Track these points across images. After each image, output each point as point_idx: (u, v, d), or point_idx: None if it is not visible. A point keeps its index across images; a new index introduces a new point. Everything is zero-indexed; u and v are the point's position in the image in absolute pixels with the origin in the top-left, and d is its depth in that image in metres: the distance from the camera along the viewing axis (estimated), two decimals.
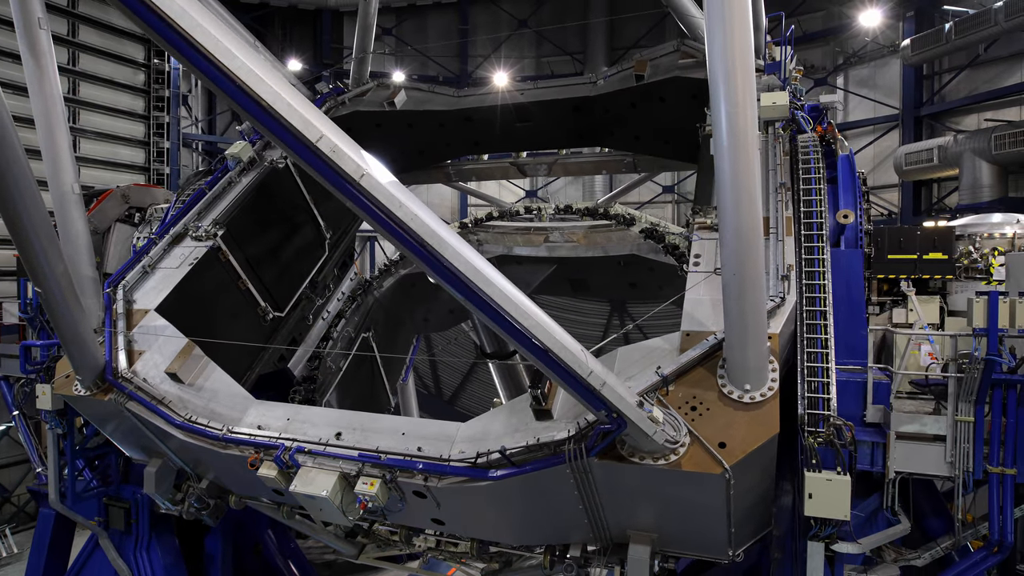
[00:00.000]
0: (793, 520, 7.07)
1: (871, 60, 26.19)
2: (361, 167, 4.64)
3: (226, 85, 4.35)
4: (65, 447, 9.61)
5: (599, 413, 5.74)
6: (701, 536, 6.71)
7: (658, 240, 12.08)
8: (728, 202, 5.90)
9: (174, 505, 9.34)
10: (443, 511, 7.30)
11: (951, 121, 23.50)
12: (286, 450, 7.49)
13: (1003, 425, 6.49)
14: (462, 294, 5.04)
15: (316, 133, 4.52)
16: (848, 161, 8.08)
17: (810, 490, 6.03)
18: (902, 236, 8.28)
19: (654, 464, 5.96)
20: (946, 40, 20.95)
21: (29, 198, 6.34)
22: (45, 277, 7.06)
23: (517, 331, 5.22)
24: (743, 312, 6.06)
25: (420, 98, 12.37)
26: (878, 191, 25.88)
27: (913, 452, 6.75)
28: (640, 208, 31.12)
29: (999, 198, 19.61)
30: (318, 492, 7.24)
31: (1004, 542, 6.52)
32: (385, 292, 13.37)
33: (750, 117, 5.73)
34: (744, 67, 5.65)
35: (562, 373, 5.42)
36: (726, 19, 5.60)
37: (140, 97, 27.16)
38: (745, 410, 6.14)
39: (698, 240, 7.74)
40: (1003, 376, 6.38)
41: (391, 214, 4.73)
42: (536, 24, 32.32)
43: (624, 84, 11.19)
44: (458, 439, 7.17)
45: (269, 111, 4.41)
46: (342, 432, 7.63)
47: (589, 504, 6.64)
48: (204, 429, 8.01)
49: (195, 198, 10.96)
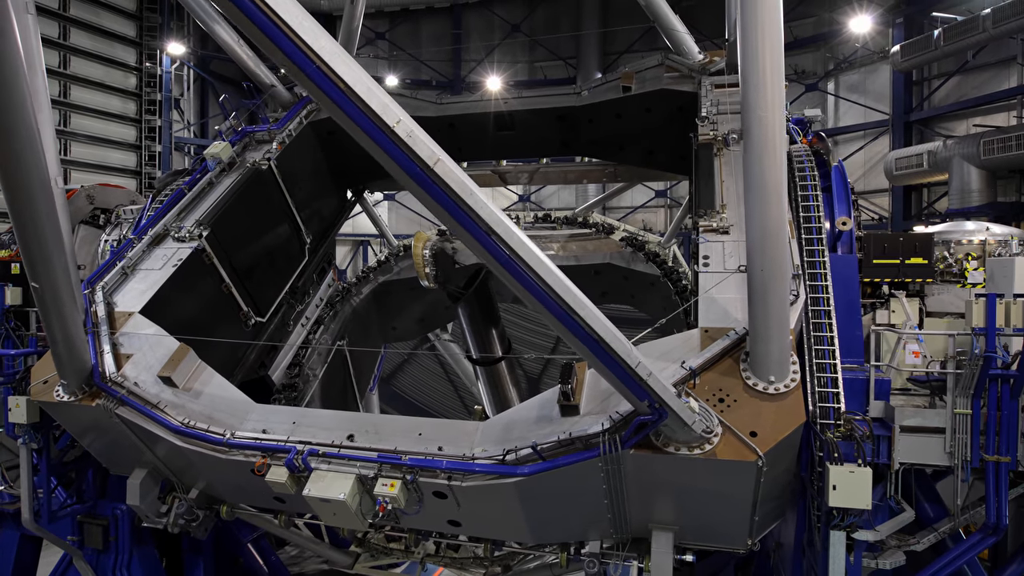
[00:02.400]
0: (803, 511, 7.34)
1: (861, 66, 26.69)
2: (435, 153, 4.65)
3: (307, 65, 4.30)
4: (41, 462, 9.00)
5: (641, 404, 5.85)
6: (723, 526, 6.89)
7: (639, 248, 12.37)
8: (756, 202, 6.16)
9: (159, 518, 8.90)
10: (462, 511, 7.23)
11: (940, 126, 23.90)
12: (298, 453, 7.29)
13: (997, 417, 6.94)
14: (523, 284, 5.09)
15: (394, 117, 4.51)
16: (841, 171, 8.54)
17: (834, 482, 6.28)
18: (886, 242, 8.79)
19: (689, 454, 6.11)
20: (935, 46, 21.30)
21: (39, 184, 6.03)
22: (45, 270, 6.70)
23: (572, 321, 5.30)
24: (768, 307, 6.31)
25: (403, 103, 12.31)
26: (869, 196, 26.19)
27: (915, 444, 7.14)
28: (634, 212, 31.75)
29: (988, 203, 20.01)
30: (334, 495, 7.06)
31: (1000, 525, 6.95)
32: (363, 299, 13.18)
33: (779, 121, 6.01)
34: (774, 74, 5.91)
35: (611, 363, 5.52)
36: (759, 28, 5.85)
37: (132, 101, 26.86)
38: (771, 400, 6.37)
39: (705, 242, 8.00)
40: (999, 372, 6.83)
41: (462, 202, 4.74)
42: (529, 29, 32.60)
43: (608, 95, 11.48)
44: (478, 438, 7.15)
45: (349, 93, 4.38)
46: (354, 434, 7.48)
47: (615, 498, 6.72)
48: (205, 434, 7.70)
49: (175, 198, 10.59)
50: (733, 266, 7.62)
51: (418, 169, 4.63)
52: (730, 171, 8.72)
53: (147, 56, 26.95)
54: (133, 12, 27.29)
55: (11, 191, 5.98)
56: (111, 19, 26.01)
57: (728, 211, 8.21)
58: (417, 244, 10.22)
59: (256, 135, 11.51)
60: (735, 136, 9.22)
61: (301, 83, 4.48)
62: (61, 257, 6.79)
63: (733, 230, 8.01)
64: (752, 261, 6.30)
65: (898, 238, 8.74)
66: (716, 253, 7.88)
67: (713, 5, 15.43)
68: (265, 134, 11.42)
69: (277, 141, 11.34)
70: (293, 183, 11.55)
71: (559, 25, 32.42)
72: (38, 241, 6.41)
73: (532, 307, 5.38)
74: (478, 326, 10.95)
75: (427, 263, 10.23)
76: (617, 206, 32.21)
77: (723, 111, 9.74)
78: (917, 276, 8.72)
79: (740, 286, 7.38)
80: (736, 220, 8.09)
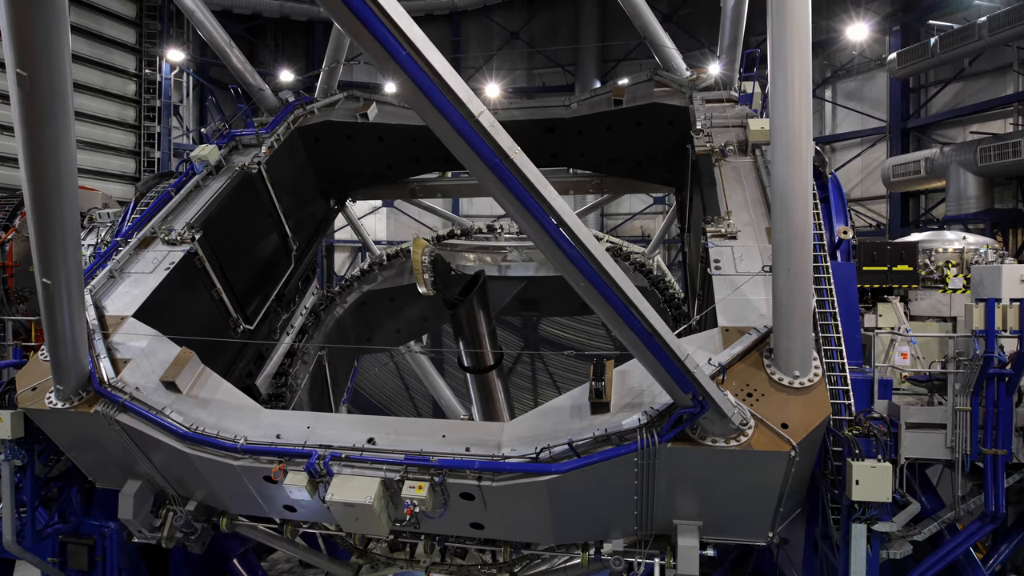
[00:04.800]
0: (813, 506, 7.62)
1: (858, 73, 26.80)
2: (514, 145, 4.70)
3: (399, 51, 4.30)
4: (26, 480, 8.45)
5: (685, 396, 5.99)
6: (748, 519, 7.07)
7: (624, 259, 12.63)
8: (783, 205, 6.43)
9: (152, 532, 8.49)
10: (488, 513, 7.19)
11: (937, 134, 24.06)
12: (319, 457, 7.11)
13: (995, 413, 7.38)
14: (589, 278, 5.18)
15: (478, 107, 4.55)
16: (836, 181, 8.99)
17: (857, 477, 6.56)
18: (875, 250, 9.28)
19: (726, 446, 6.27)
20: (932, 54, 21.44)
21: (67, 174, 5.78)
22: (58, 267, 6.38)
23: (630, 314, 5.41)
24: (793, 304, 6.56)
25: (392, 112, 12.32)
26: (866, 202, 26.23)
27: (918, 440, 7.52)
28: (632, 219, 31.85)
29: (985, 210, 20.17)
30: (359, 499, 6.92)
31: (997, 513, 7.37)
32: (347, 308, 12.98)
33: (806, 127, 6.31)
34: (802, 81, 6.20)
35: (661, 355, 5.65)
36: (788, 38, 6.13)
37: (131, 107, 26.82)
38: (797, 394, 6.62)
39: (715, 247, 8.27)
40: (996, 371, 7.28)
41: (538, 193, 4.81)
42: (528, 36, 32.59)
43: (597, 108, 11.75)
44: (505, 438, 7.14)
45: (438, 81, 4.40)
46: (374, 437, 7.35)
47: (644, 494, 6.82)
48: (215, 440, 7.43)
49: (161, 200, 10.27)
50: (744, 269, 7.90)
51: (497, 160, 4.67)
52: (732, 180, 9.06)
53: (146, 63, 27.06)
54: (133, 19, 27.42)
55: (35, 180, 5.70)
56: (111, 26, 25.93)
57: (734, 217, 8.51)
58: (416, 250, 10.19)
59: (243, 139, 11.30)
60: (732, 148, 9.60)
61: (388, 70, 4.47)
62: (76, 253, 6.50)
63: (741, 235, 8.31)
64: (778, 261, 6.54)
65: (886, 246, 9.23)
66: (726, 257, 8.15)
67: (710, 13, 15.41)
68: (252, 138, 11.22)
69: (266, 145, 11.15)
70: (281, 188, 11.36)
71: (558, 32, 32.47)
72: (58, 234, 6.11)
73: (590, 301, 5.45)
74: (472, 334, 10.95)
75: (426, 269, 10.20)
76: (615, 212, 32.19)
77: (717, 124, 10.13)
78: (904, 282, 9.22)
79: (754, 287, 7.67)
80: (743, 226, 8.41)
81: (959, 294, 9.35)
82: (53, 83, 5.10)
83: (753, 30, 11.61)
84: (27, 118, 5.20)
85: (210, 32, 10.93)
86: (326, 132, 12.02)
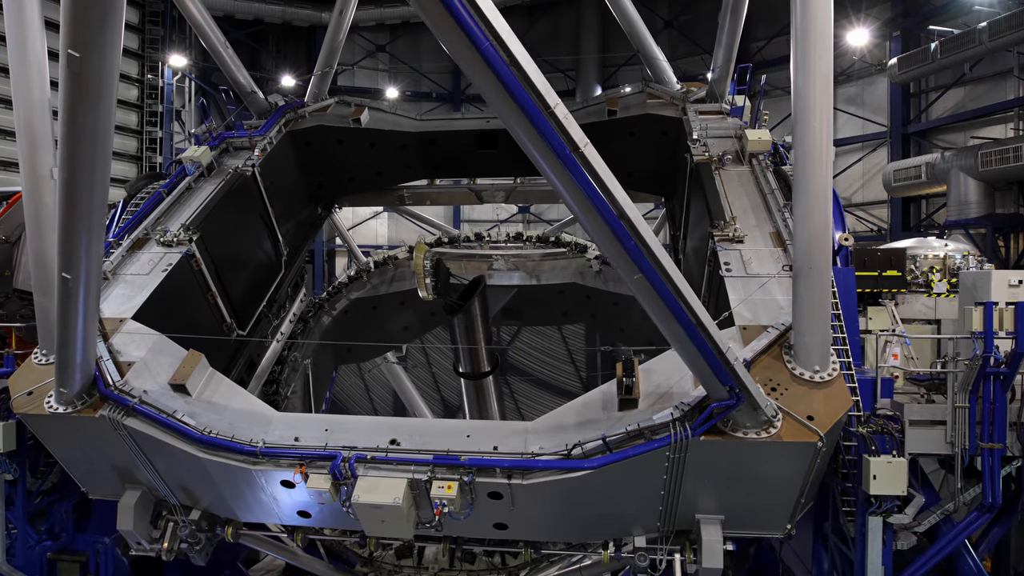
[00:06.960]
0: (830, 500, 7.87)
1: (859, 78, 26.86)
2: (584, 137, 4.80)
3: (482, 40, 4.36)
4: (17, 495, 7.99)
5: (722, 389, 6.14)
6: (768, 512, 7.24)
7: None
8: (804, 207, 6.70)
9: (151, 544, 8.15)
10: (515, 512, 7.17)
11: (938, 139, 24.10)
12: (344, 459, 6.98)
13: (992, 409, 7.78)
14: (645, 271, 5.29)
15: (554, 99, 4.63)
16: (833, 189, 9.37)
17: (875, 472, 6.85)
18: (866, 256, 9.73)
19: (757, 438, 6.44)
20: (932, 59, 21.49)
21: (101, 169, 5.58)
22: (80, 261, 6.12)
23: (679, 307, 5.54)
24: (813, 301, 6.82)
25: (383, 119, 12.27)
26: (867, 207, 26.18)
27: (920, 436, 7.87)
28: None
29: (986, 214, 20.25)
30: (387, 501, 6.83)
31: (995, 503, 7.76)
32: (335, 316, 12.78)
33: (827, 131, 6.61)
34: (823, 86, 6.49)
35: (704, 348, 5.79)
36: (810, 43, 6.42)
37: (133, 112, 26.79)
38: (819, 388, 6.85)
39: (723, 251, 8.50)
40: (992, 370, 7.69)
41: (604, 185, 4.90)
42: (529, 42, 32.55)
43: (592, 118, 11.95)
44: (531, 436, 7.16)
45: (520, 72, 4.47)
46: (397, 439, 7.27)
47: (671, 488, 6.92)
48: (232, 443, 7.22)
49: (153, 202, 9.98)
50: (755, 271, 8.15)
51: (568, 151, 4.75)
52: (733, 187, 9.35)
53: (149, 68, 27.01)
54: (136, 25, 27.14)
55: (69, 167, 5.48)
56: None
57: (739, 222, 8.78)
58: (418, 254, 10.14)
59: (234, 141, 11.08)
60: (729, 157, 9.92)
61: (466, 60, 4.50)
62: (99, 248, 6.27)
63: (748, 239, 8.57)
64: (799, 259, 6.80)
65: (876, 253, 9.68)
66: (735, 260, 8.39)
67: (710, 19, 15.45)
68: (245, 140, 11.02)
69: (258, 148, 10.96)
70: (273, 192, 11.18)
71: (558, 38, 32.55)
72: (84, 226, 5.86)
73: (640, 293, 5.55)
74: (470, 340, 10.93)
75: (427, 273, 10.16)
76: None
77: (711, 135, 10.46)
78: (893, 287, 9.67)
79: (765, 288, 7.92)
80: (749, 229, 8.68)
81: (943, 298, 9.87)
82: (103, 67, 4.94)
83: (753, 36, 12.00)
84: (71, 101, 5.02)
85: (204, 30, 10.72)
86: (318, 136, 11.89)
